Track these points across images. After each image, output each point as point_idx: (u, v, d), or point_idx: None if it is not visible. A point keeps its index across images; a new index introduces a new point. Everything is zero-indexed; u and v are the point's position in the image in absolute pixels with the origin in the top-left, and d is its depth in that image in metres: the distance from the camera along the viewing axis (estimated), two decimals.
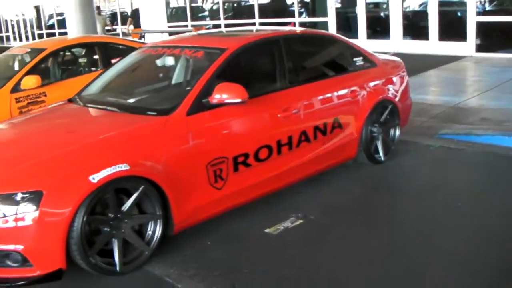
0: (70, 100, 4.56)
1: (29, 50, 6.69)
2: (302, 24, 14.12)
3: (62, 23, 22.87)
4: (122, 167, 3.34)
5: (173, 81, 4.35)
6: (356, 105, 5.01)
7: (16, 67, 6.49)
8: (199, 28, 5.58)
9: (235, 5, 16.53)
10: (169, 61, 4.51)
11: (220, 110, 3.91)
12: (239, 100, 3.84)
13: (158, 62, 4.56)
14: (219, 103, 3.86)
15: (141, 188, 3.45)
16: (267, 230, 4.04)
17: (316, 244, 3.80)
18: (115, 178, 3.32)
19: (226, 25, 15.84)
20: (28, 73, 6.14)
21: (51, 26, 23.84)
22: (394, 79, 5.54)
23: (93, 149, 3.47)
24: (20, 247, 3.12)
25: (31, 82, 5.95)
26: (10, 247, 3.13)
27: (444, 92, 8.41)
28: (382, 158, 5.33)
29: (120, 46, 6.80)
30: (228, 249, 3.81)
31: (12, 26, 26.03)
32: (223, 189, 3.94)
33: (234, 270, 3.49)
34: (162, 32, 7.92)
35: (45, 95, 6.13)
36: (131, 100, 4.22)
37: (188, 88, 4.02)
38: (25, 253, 3.13)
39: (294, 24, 6.88)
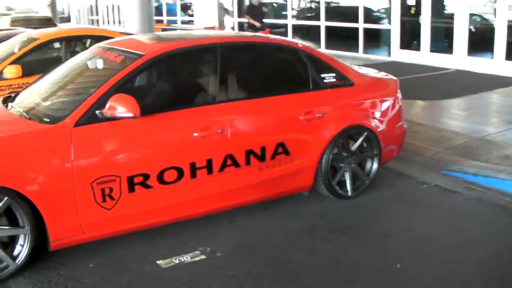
0: (6, 98, 4.69)
1: (25, 39, 7.00)
2: (365, 30, 13.70)
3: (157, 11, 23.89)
4: None
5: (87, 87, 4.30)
6: (314, 129, 4.65)
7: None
8: (221, 28, 5.42)
9: (312, 6, 16.49)
10: (97, 64, 4.47)
11: (116, 123, 3.78)
12: (130, 115, 3.72)
13: (89, 64, 4.54)
14: (111, 117, 3.77)
15: (4, 199, 3.47)
16: (159, 262, 3.86)
17: None
18: None
19: (294, 26, 15.72)
20: (15, 62, 6.44)
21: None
22: (377, 102, 5.11)
23: None
24: None
25: (12, 72, 6.22)
26: None
27: (481, 119, 7.60)
28: (349, 193, 4.95)
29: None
30: (104, 276, 3.68)
31: (102, 10, 27.68)
32: (114, 209, 3.82)
33: None
34: (183, 30, 7.87)
35: None
36: (45, 104, 4.21)
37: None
38: None
39: (269, 31, 6.47)
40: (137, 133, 3.89)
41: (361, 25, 13.78)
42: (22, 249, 3.61)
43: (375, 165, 5.08)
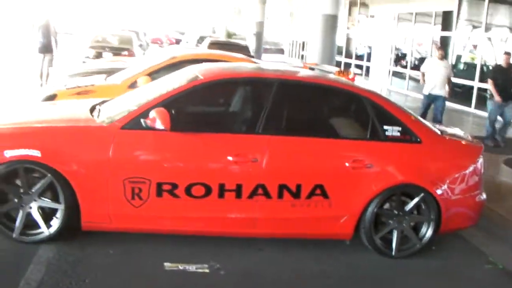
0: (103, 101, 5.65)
1: (169, 56, 8.13)
2: None
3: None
4: (34, 152, 4.30)
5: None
6: (360, 178, 4.76)
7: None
8: (344, 73, 5.64)
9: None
10: (174, 81, 5.18)
11: (155, 133, 4.45)
12: (162, 127, 4.38)
13: (169, 81, 5.30)
14: (152, 126, 4.46)
15: (47, 176, 4.39)
16: (166, 264, 4.43)
17: None
18: (24, 159, 4.31)
19: None
20: (150, 74, 7.57)
21: (359, 57, 25.79)
22: (446, 165, 5.05)
23: (23, 133, 4.55)
24: None
25: (142, 81, 7.33)
26: None
27: None
28: (393, 253, 4.96)
29: None
30: (112, 263, 4.39)
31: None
32: (141, 208, 4.47)
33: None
34: (326, 71, 8.21)
35: None
36: (118, 109, 4.97)
37: None
38: None
39: (354, 78, 6.10)
40: (172, 146, 4.52)
41: None
42: (57, 222, 4.48)
43: (429, 231, 4.99)
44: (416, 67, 20.14)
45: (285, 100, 4.85)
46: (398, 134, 4.96)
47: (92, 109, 5.10)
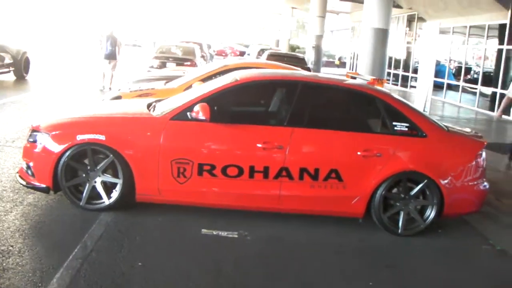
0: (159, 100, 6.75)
1: (222, 65, 9.19)
2: None
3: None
4: (99, 137, 5.38)
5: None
6: (370, 165, 5.55)
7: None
8: (378, 80, 6.22)
9: None
10: (217, 83, 6.21)
11: (198, 124, 5.43)
12: (203, 118, 5.38)
13: (213, 82, 6.35)
14: (195, 118, 5.48)
15: (110, 155, 5.48)
16: (202, 230, 5.41)
17: (206, 255, 4.88)
18: (92, 142, 5.38)
19: None
20: (204, 79, 8.62)
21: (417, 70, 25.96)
22: (448, 156, 5.79)
23: (91, 121, 5.64)
24: (31, 164, 5.59)
25: (196, 85, 8.42)
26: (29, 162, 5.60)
27: None
28: (399, 231, 5.77)
29: None
30: (157, 227, 5.38)
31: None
32: (185, 185, 5.45)
33: (139, 241, 5.15)
34: (363, 79, 8.99)
35: None
36: (169, 104, 6.04)
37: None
38: (33, 168, 5.58)
39: (381, 81, 6.37)
40: (211, 134, 5.47)
41: None
42: (116, 193, 5.53)
43: (432, 214, 5.73)
44: (471, 81, 20.59)
45: (307, 99, 5.76)
46: (406, 129, 5.76)
47: (148, 105, 6.16)
